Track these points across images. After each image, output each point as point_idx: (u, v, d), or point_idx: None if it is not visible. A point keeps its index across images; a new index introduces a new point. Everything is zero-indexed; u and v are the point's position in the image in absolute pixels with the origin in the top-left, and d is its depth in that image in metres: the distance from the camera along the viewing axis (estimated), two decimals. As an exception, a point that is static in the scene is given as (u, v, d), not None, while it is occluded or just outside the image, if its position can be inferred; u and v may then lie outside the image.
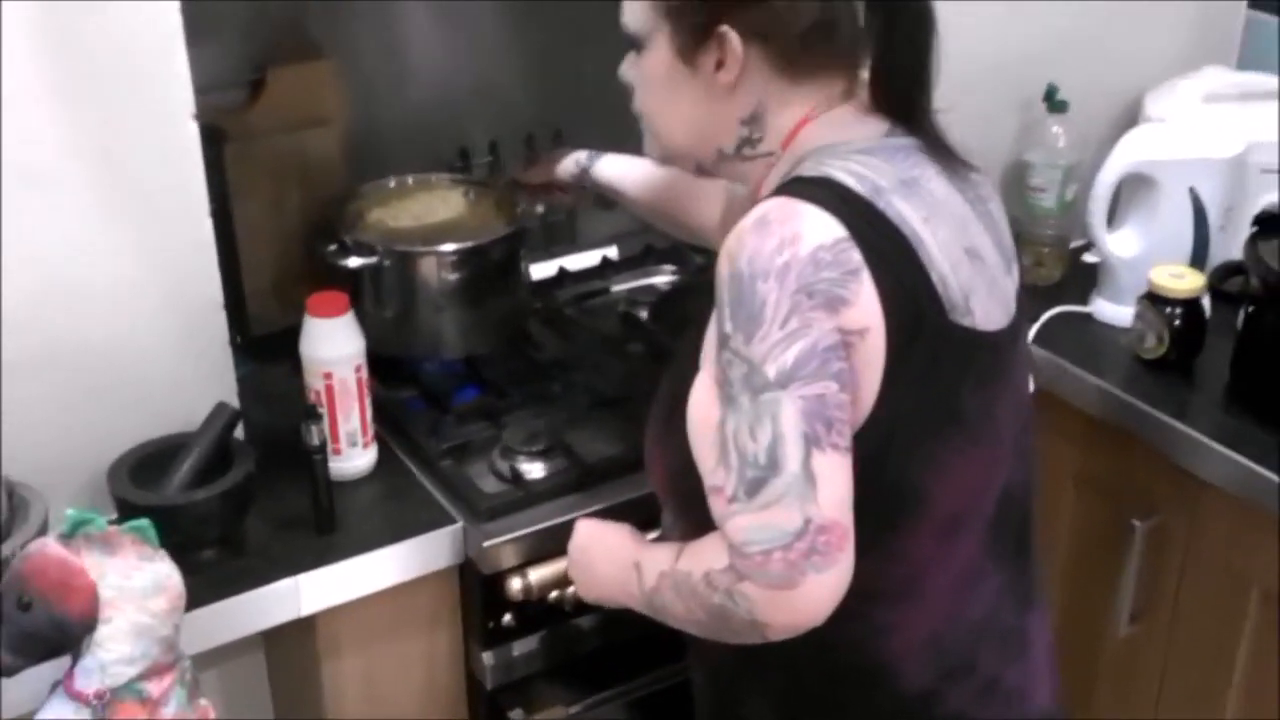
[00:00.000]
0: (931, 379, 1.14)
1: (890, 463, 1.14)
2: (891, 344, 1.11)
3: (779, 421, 1.09)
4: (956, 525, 1.21)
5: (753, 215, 1.12)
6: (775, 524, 1.09)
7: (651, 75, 1.26)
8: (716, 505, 1.13)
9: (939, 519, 1.19)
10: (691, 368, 1.19)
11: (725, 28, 1.18)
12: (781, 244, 1.09)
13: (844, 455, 1.10)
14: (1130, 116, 2.06)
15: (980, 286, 1.18)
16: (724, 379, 1.12)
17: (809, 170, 1.16)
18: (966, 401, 1.17)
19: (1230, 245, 1.88)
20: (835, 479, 1.09)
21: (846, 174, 1.14)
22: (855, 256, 1.10)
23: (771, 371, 1.09)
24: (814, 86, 1.21)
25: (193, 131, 1.44)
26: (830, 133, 1.20)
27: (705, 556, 1.15)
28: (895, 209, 1.14)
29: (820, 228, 1.10)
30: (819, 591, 1.09)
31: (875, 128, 1.21)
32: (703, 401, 1.16)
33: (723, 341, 1.12)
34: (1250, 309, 1.71)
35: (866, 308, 1.10)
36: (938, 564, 1.22)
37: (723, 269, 1.12)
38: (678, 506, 1.28)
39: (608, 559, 1.31)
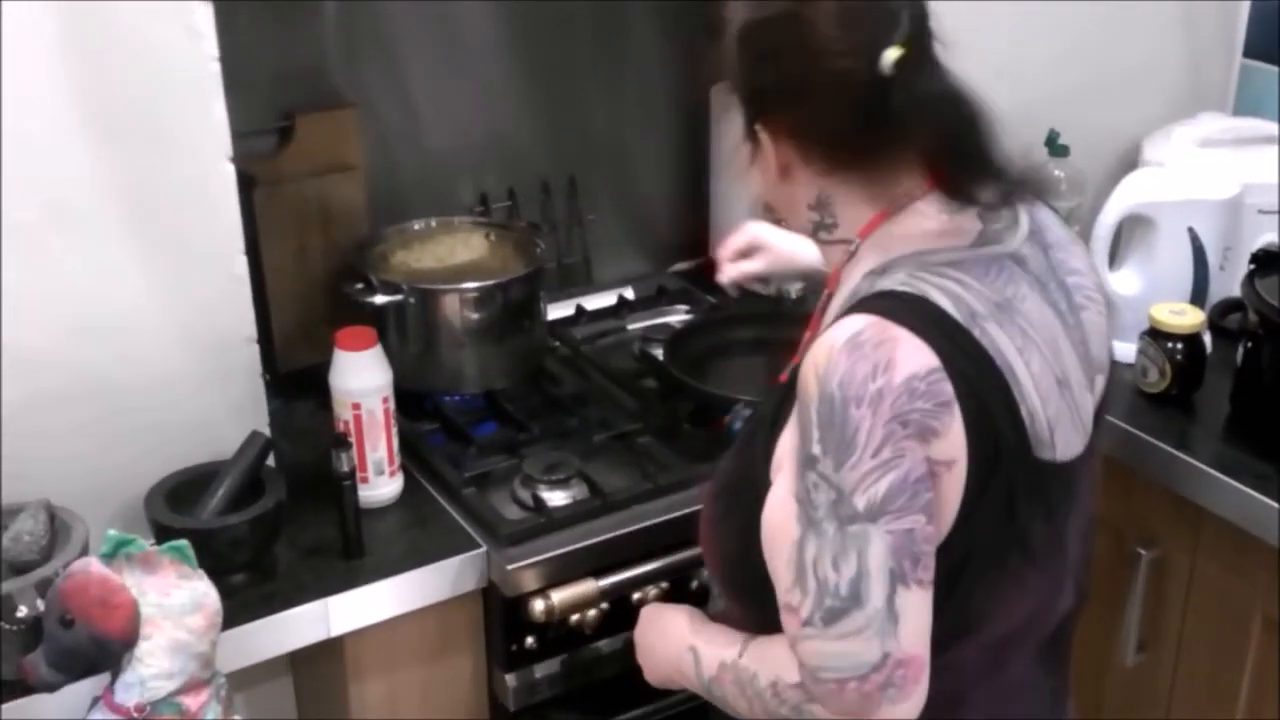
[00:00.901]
0: (1007, 513, 1.11)
1: (957, 591, 1.12)
2: (973, 477, 1.08)
3: (865, 557, 1.06)
4: (1007, 645, 1.20)
5: (844, 333, 1.08)
6: (852, 654, 1.08)
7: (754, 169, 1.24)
8: (789, 623, 1.12)
9: (990, 640, 1.18)
10: (762, 459, 1.17)
11: (757, 126, 1.18)
12: (875, 369, 1.06)
13: (927, 590, 1.08)
14: (1129, 161, 2.12)
15: (1065, 417, 1.15)
16: (807, 500, 1.09)
17: (901, 284, 1.12)
18: (1037, 532, 1.15)
19: (1229, 283, 1.94)
20: (918, 613, 1.08)
21: (942, 294, 1.10)
22: (948, 389, 1.07)
23: (861, 503, 1.06)
24: (879, 178, 1.16)
25: (230, 173, 1.50)
26: (916, 230, 1.15)
27: (774, 663, 1.15)
28: (990, 338, 1.10)
29: (915, 356, 1.07)
30: None
31: (966, 229, 1.16)
32: (780, 512, 1.12)
33: (809, 463, 1.08)
34: (1249, 344, 1.75)
35: (955, 440, 1.07)
36: (987, 678, 1.21)
37: (810, 387, 1.09)
38: (733, 591, 1.27)
39: (664, 642, 1.32)
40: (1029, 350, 1.12)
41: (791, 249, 1.70)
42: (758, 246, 1.74)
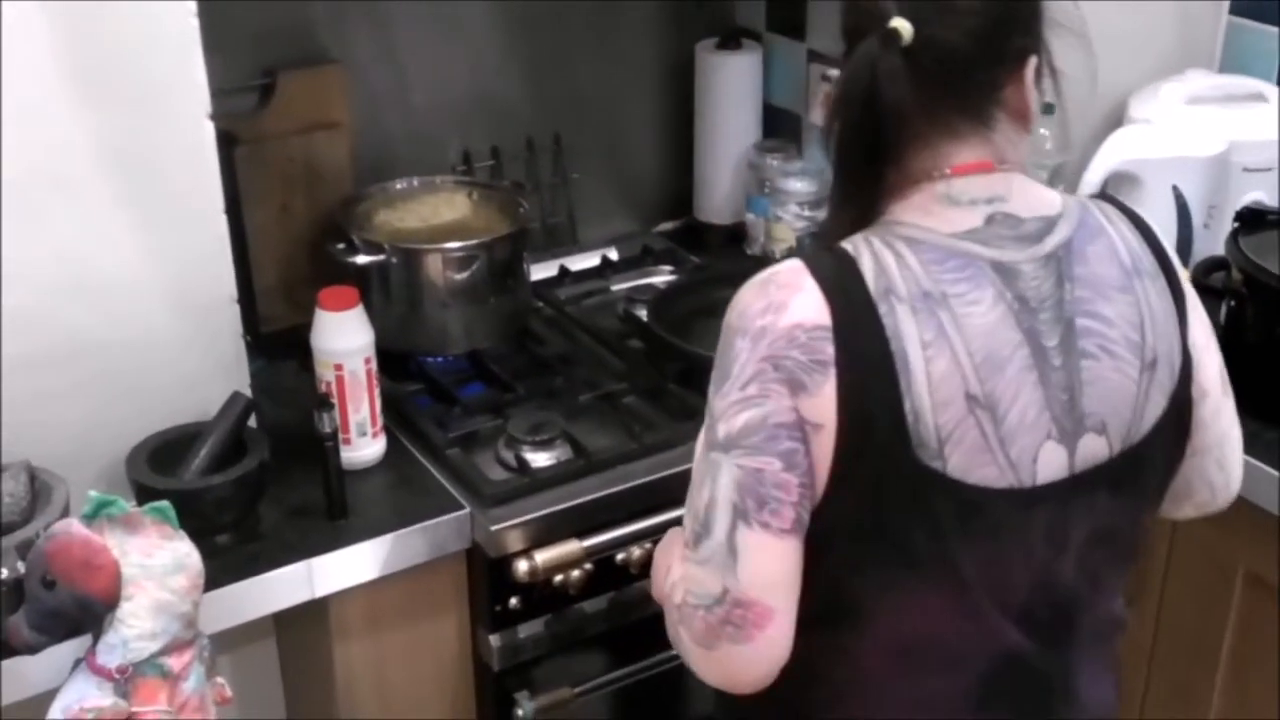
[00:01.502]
0: (874, 502, 1.09)
1: (824, 564, 1.11)
2: (841, 449, 1.07)
3: (716, 485, 1.09)
4: (913, 658, 1.17)
5: (766, 271, 1.12)
6: (702, 582, 1.11)
7: None
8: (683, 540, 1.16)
9: (886, 642, 1.16)
10: None
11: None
12: (768, 308, 1.08)
13: (777, 536, 1.08)
14: (1115, 118, 2.11)
15: (971, 439, 1.08)
16: (704, 425, 1.14)
17: (846, 242, 1.12)
18: (920, 544, 1.11)
19: (1213, 241, 1.93)
20: (760, 558, 1.08)
21: (872, 261, 1.09)
22: (828, 349, 1.06)
23: (721, 431, 1.09)
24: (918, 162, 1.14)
25: (209, 132, 1.48)
26: (914, 208, 1.13)
27: (679, 581, 1.16)
28: (895, 319, 1.07)
29: (808, 307, 1.07)
30: (736, 662, 1.11)
31: (959, 221, 1.12)
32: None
33: (709, 387, 1.13)
34: (1232, 303, 1.75)
35: (824, 403, 1.06)
36: (891, 684, 1.18)
37: (726, 314, 1.13)
38: None
39: (663, 556, 1.29)
40: (938, 349, 1.07)
41: None
42: None
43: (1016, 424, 1.09)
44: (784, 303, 1.08)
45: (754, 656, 1.11)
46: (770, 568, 1.09)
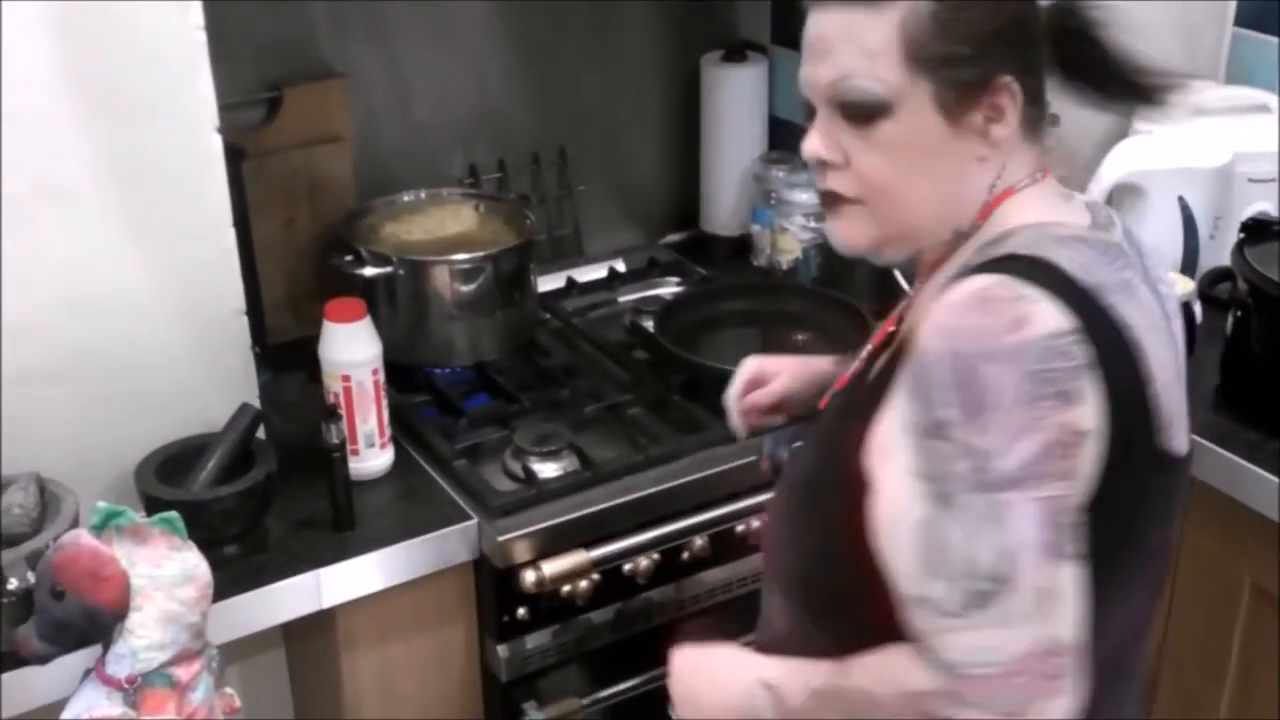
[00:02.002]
0: (1131, 506, 1.04)
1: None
2: (1109, 453, 1.00)
3: (1008, 528, 0.96)
4: (1115, 675, 1.11)
5: (968, 289, 1.00)
6: (1004, 646, 0.96)
7: (902, 143, 1.08)
8: (921, 619, 1.00)
9: (1110, 639, 1.07)
10: (853, 448, 1.07)
11: (1009, 78, 1.07)
12: (1013, 324, 0.98)
13: (1080, 568, 0.98)
14: (1120, 129, 2.11)
15: (1180, 415, 1.08)
16: (935, 473, 0.99)
17: (1025, 249, 1.05)
18: (1152, 537, 1.08)
19: (1219, 252, 1.94)
20: (1074, 594, 0.97)
21: (1069, 262, 1.03)
22: (1084, 352, 0.98)
23: (1006, 467, 0.96)
24: (1038, 148, 1.13)
25: (217, 144, 1.49)
26: (1036, 211, 1.10)
27: (892, 674, 1.02)
28: (1119, 310, 1.02)
29: (1052, 314, 0.98)
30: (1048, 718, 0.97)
31: (1080, 214, 1.12)
32: (898, 496, 1.02)
33: (934, 430, 0.98)
34: (1238, 313, 1.76)
35: (1092, 409, 0.98)
36: (1106, 693, 1.08)
37: (931, 347, 1.00)
38: (804, 600, 1.16)
39: (717, 687, 1.16)
40: (1152, 333, 1.05)
41: (800, 360, 1.49)
42: (763, 376, 1.48)
43: (1180, 398, 1.11)
44: (1025, 315, 0.98)
45: (1068, 707, 0.97)
46: (1083, 604, 0.98)
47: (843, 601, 1.09)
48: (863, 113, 1.07)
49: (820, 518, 1.12)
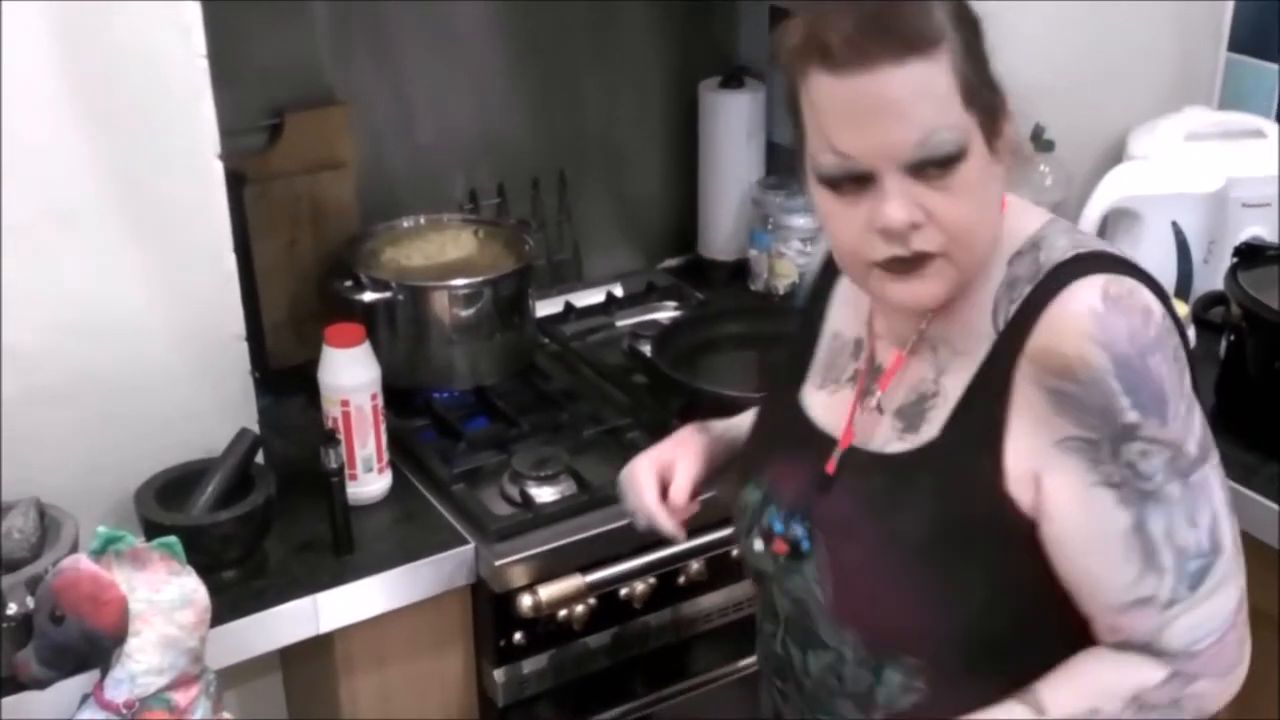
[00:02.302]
0: None
1: None
2: None
3: (1213, 499, 1.05)
4: None
5: (1092, 297, 1.05)
6: (1220, 610, 1.06)
7: (977, 182, 1.07)
8: (1142, 619, 1.06)
9: None
10: (988, 489, 1.09)
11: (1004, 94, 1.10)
12: (1145, 316, 1.05)
13: None
14: (1115, 155, 2.13)
15: None
16: (1132, 474, 1.04)
17: (1081, 248, 1.10)
18: None
19: (1213, 276, 1.95)
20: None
21: (1117, 251, 1.12)
22: (1174, 325, 1.09)
23: (1193, 448, 1.05)
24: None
25: (218, 170, 1.51)
26: (1033, 214, 1.16)
27: (1117, 682, 1.08)
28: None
29: (1152, 298, 1.07)
30: (1247, 662, 1.08)
31: (1041, 212, 1.18)
32: (1090, 511, 1.06)
33: (1121, 436, 1.03)
34: (1232, 337, 1.77)
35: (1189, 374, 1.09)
36: None
37: (1090, 357, 1.03)
38: (970, 659, 1.13)
39: None
40: None
41: (682, 440, 1.38)
42: (666, 472, 1.33)
43: None
44: (1146, 305, 1.06)
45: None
46: None
47: (1016, 649, 1.11)
48: (945, 163, 1.05)
49: (980, 569, 1.10)
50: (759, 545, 1.23)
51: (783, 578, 1.21)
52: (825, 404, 1.24)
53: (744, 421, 1.39)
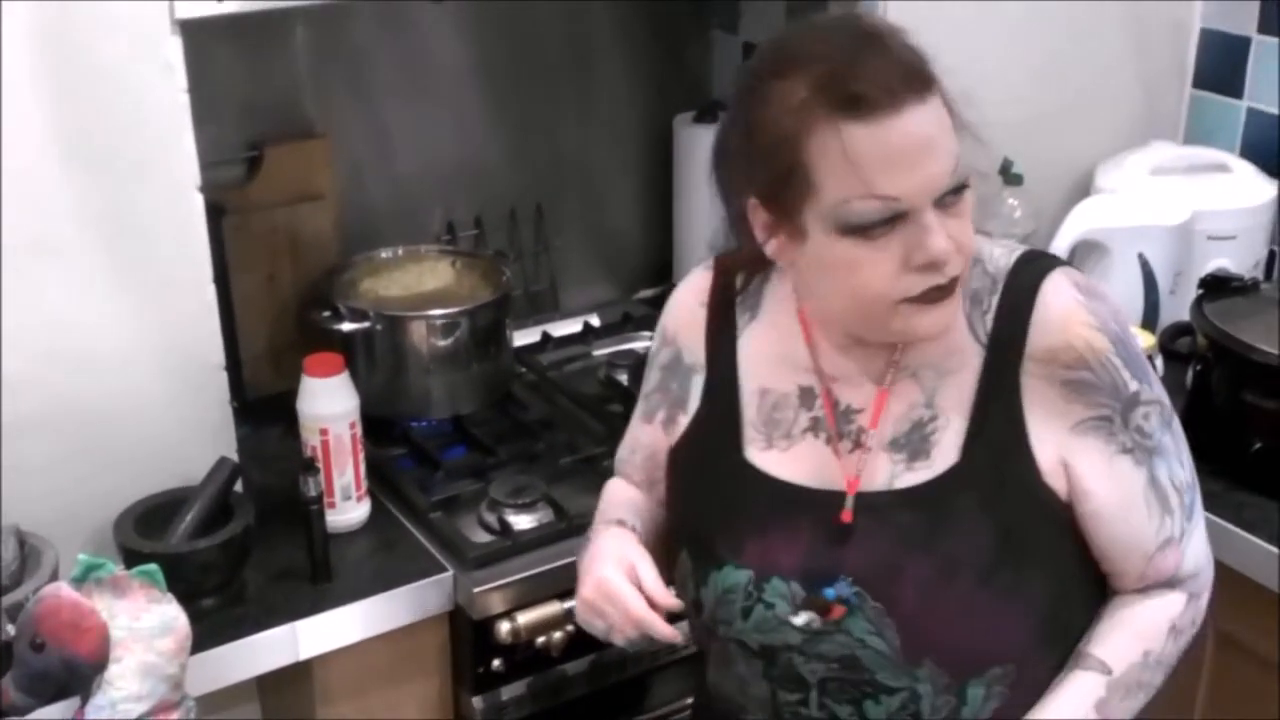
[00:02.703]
0: None
1: None
2: None
3: (1183, 439, 1.22)
4: None
5: (1069, 289, 1.16)
6: (1202, 532, 1.24)
7: (970, 208, 1.14)
8: (1169, 557, 1.20)
9: None
10: (1027, 489, 1.16)
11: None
12: (1107, 295, 1.19)
13: None
14: (1082, 188, 2.16)
15: None
16: (1140, 437, 1.17)
17: (1017, 250, 1.21)
18: None
19: (1179, 308, 1.98)
20: None
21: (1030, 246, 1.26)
22: None
23: (1166, 398, 1.20)
24: None
25: (198, 202, 1.52)
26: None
27: (1149, 625, 1.21)
28: None
29: None
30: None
31: None
32: (1115, 480, 1.17)
33: (1133, 401, 1.16)
34: (1198, 367, 1.79)
35: None
36: None
37: (1096, 342, 1.15)
38: (1051, 640, 1.21)
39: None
40: None
41: (617, 537, 1.30)
42: (631, 574, 1.23)
43: None
44: (1101, 285, 1.22)
45: None
46: None
47: (1081, 622, 1.22)
48: (961, 190, 1.11)
49: (1051, 562, 1.18)
50: (799, 619, 1.17)
51: (815, 644, 1.18)
52: (783, 460, 1.23)
53: (633, 503, 1.35)
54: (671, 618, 1.20)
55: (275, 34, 1.89)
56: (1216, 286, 1.84)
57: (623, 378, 1.98)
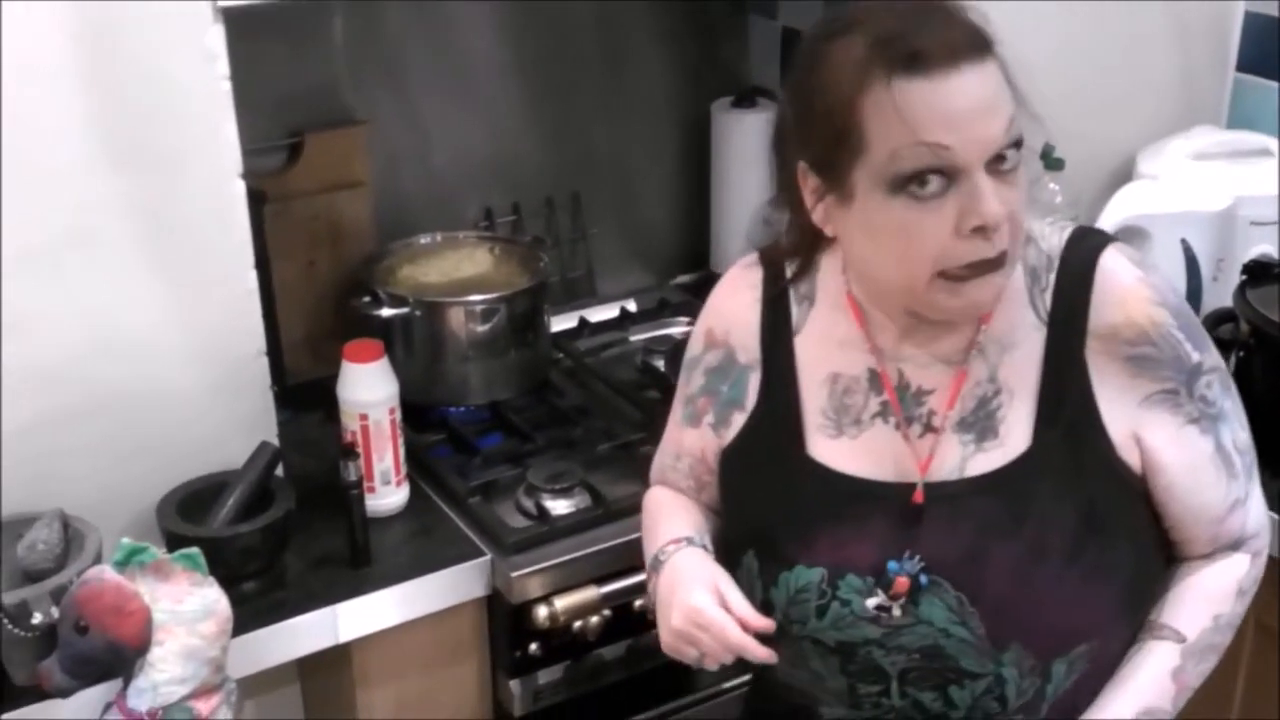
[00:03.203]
0: None
1: None
2: None
3: (1238, 399, 1.23)
4: None
5: (1126, 266, 1.17)
6: (1259, 484, 1.25)
7: (1022, 179, 1.12)
8: (1237, 519, 1.22)
9: None
10: (1105, 467, 1.16)
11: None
12: (1160, 269, 1.23)
13: None
14: (1124, 173, 2.14)
15: None
16: (1205, 405, 1.18)
17: (1069, 228, 1.21)
18: None
19: (1222, 294, 1.96)
20: None
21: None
22: None
23: (1223, 362, 1.22)
24: None
25: (240, 190, 1.53)
26: None
27: (1217, 589, 1.23)
28: None
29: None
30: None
31: None
32: (1186, 452, 1.18)
33: (1194, 374, 1.18)
34: (1241, 354, 1.78)
35: None
36: None
37: (1158, 317, 1.16)
38: (1132, 613, 1.22)
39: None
40: None
41: (693, 560, 1.28)
42: (721, 598, 1.20)
43: None
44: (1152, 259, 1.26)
45: None
46: None
47: (1154, 584, 1.23)
48: (1017, 148, 1.10)
49: (1127, 533, 1.19)
50: (870, 602, 1.16)
51: (895, 636, 1.17)
52: (851, 451, 1.22)
53: (689, 515, 1.34)
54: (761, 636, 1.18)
55: (315, 23, 1.90)
56: (1259, 273, 1.82)
57: (659, 363, 1.98)
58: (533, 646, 1.59)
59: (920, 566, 1.16)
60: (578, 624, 1.58)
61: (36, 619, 1.35)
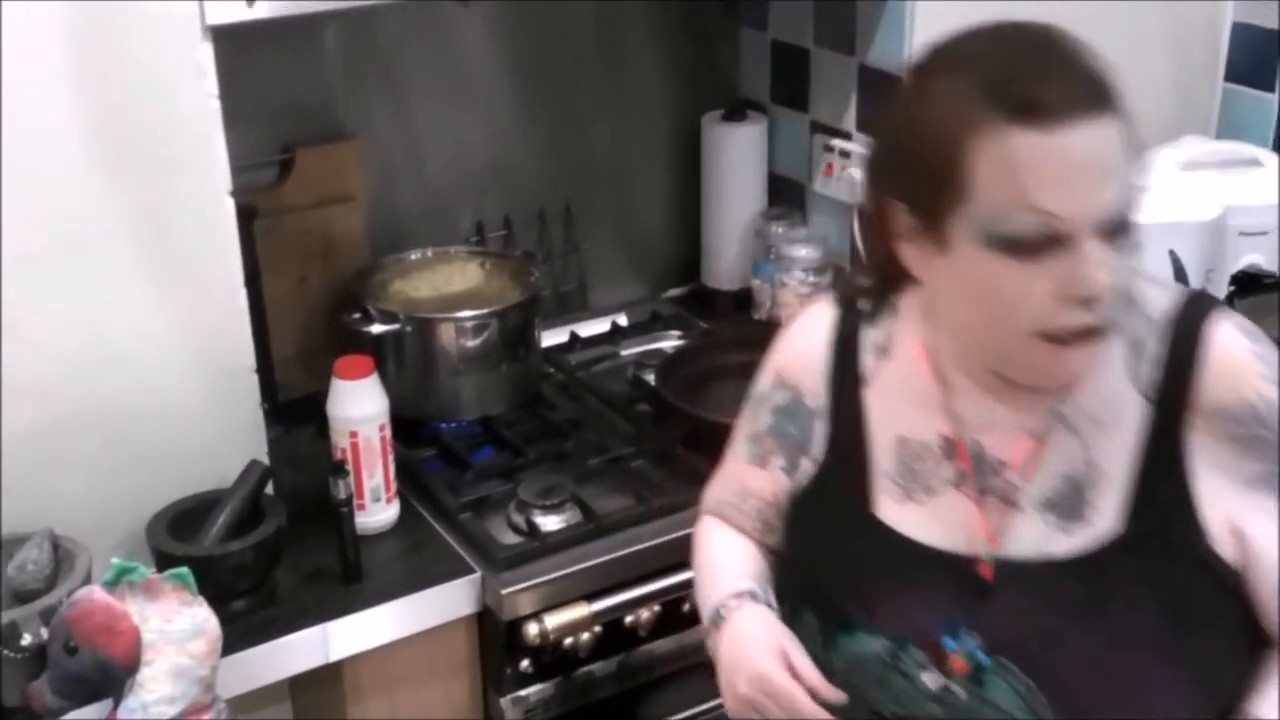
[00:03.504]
0: None
1: None
2: None
3: None
4: None
5: (1240, 341, 1.10)
6: None
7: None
8: None
9: None
10: (1197, 559, 1.09)
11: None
12: (1267, 340, 1.12)
13: None
14: (1114, 184, 2.15)
15: None
16: None
17: (1169, 286, 1.16)
18: None
19: (1211, 305, 1.96)
20: None
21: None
22: None
23: None
24: None
25: (230, 206, 1.53)
26: None
27: None
28: None
29: None
30: None
31: None
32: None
33: None
34: (1231, 365, 1.78)
35: None
36: None
37: (1270, 395, 1.08)
38: (1215, 704, 1.12)
39: None
40: None
41: (757, 620, 1.25)
42: (787, 659, 1.19)
43: None
44: (1260, 331, 1.15)
45: None
46: None
47: (1241, 677, 1.13)
48: (1126, 224, 1.04)
49: (1213, 631, 1.10)
50: (930, 682, 1.13)
51: (956, 714, 1.12)
52: (920, 518, 1.17)
53: (751, 563, 1.30)
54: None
55: (306, 37, 1.90)
56: (1249, 283, 1.83)
57: (650, 377, 1.98)
58: (524, 663, 1.59)
59: (978, 645, 1.11)
60: (569, 640, 1.58)
61: (26, 640, 1.34)
